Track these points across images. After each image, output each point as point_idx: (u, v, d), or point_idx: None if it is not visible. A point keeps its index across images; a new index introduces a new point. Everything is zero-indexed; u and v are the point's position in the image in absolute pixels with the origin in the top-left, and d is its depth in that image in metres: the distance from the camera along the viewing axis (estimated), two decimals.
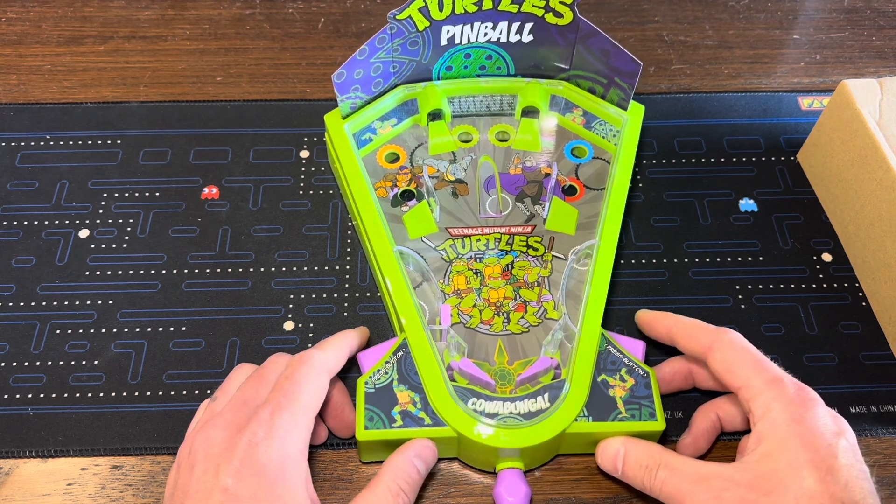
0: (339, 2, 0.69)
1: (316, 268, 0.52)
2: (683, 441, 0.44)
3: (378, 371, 0.43)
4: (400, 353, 0.44)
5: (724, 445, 0.45)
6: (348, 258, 0.52)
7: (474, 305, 0.47)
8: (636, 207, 0.55)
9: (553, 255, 0.49)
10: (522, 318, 0.46)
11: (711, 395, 0.45)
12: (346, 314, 0.50)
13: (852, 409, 0.46)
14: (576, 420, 0.42)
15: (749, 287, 0.51)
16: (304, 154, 0.58)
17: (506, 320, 0.46)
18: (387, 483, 0.40)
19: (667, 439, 0.45)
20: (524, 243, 0.49)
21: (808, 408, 0.37)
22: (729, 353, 0.40)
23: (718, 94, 0.62)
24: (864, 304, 0.51)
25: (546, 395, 0.42)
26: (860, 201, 0.51)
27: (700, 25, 0.68)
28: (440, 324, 0.46)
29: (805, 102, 0.62)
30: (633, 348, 0.45)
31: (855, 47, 0.67)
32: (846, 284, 0.51)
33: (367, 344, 0.47)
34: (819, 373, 0.48)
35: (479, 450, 0.42)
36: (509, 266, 0.48)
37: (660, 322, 0.45)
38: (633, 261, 0.52)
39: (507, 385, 0.43)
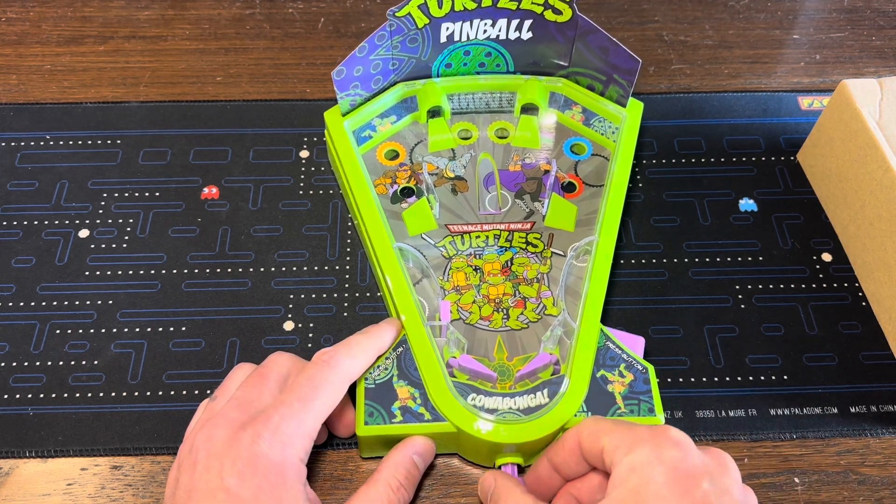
0: (339, 2, 0.70)
1: (316, 268, 0.52)
2: None
3: (378, 367, 0.44)
4: (400, 349, 0.44)
5: None
6: (348, 258, 0.52)
7: (474, 302, 0.47)
8: (636, 207, 0.55)
9: (552, 252, 0.49)
10: (522, 314, 0.46)
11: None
12: (346, 314, 0.50)
13: (852, 409, 0.46)
14: (575, 415, 0.42)
15: (749, 287, 0.51)
16: (304, 154, 0.58)
17: (505, 316, 0.46)
18: (386, 478, 0.40)
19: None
20: (523, 240, 0.49)
21: (669, 447, 0.34)
22: (590, 425, 0.37)
23: (718, 94, 0.62)
24: (864, 304, 0.51)
25: (545, 391, 0.43)
26: (860, 201, 0.51)
27: (700, 25, 0.68)
28: (440, 320, 0.46)
29: (805, 102, 0.62)
30: (634, 344, 0.45)
31: (855, 47, 0.67)
32: (846, 284, 0.51)
33: None
34: (819, 373, 0.48)
35: (479, 445, 0.42)
36: (509, 262, 0.48)
37: (540, 475, 0.40)
38: (632, 261, 0.52)
39: (506, 381, 0.44)
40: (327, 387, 0.39)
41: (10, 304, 0.50)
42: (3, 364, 0.47)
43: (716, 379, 0.47)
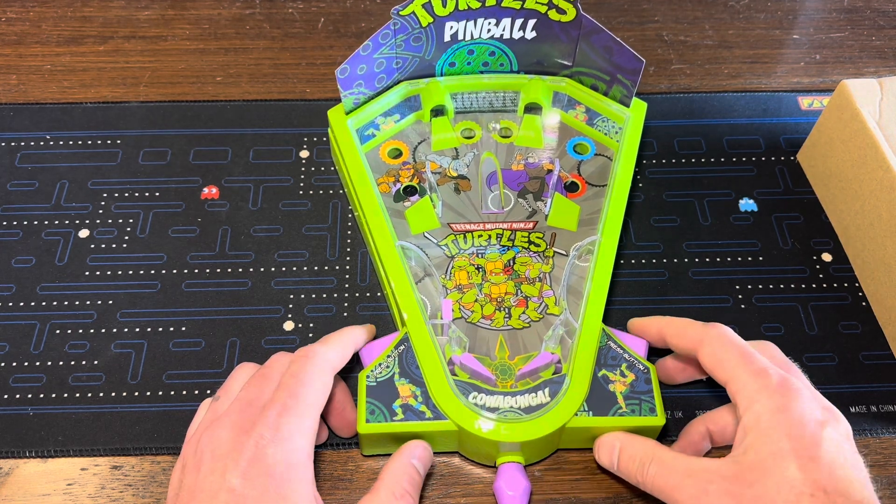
0: (339, 2, 0.70)
1: (316, 268, 0.52)
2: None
3: (380, 365, 0.44)
4: (401, 348, 0.44)
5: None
6: (348, 258, 0.52)
7: (476, 300, 0.47)
8: (636, 207, 0.55)
9: (554, 251, 0.49)
10: (524, 313, 0.46)
11: (718, 389, 0.45)
12: (346, 314, 0.49)
13: (852, 409, 0.46)
14: (576, 415, 0.42)
15: (749, 287, 0.51)
16: (304, 154, 0.58)
17: (507, 315, 0.46)
18: (390, 487, 0.39)
19: (666, 436, 0.45)
20: (526, 239, 0.49)
21: (792, 398, 0.37)
22: (717, 347, 0.40)
23: (718, 94, 0.63)
24: (864, 304, 0.51)
25: (547, 390, 0.43)
26: (860, 201, 0.51)
27: (700, 25, 0.68)
28: (441, 318, 0.46)
29: (805, 102, 0.62)
30: (637, 346, 0.45)
31: (855, 47, 0.67)
32: (846, 284, 0.51)
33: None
34: (819, 373, 0.48)
35: (480, 444, 0.42)
36: (511, 262, 0.48)
37: (650, 325, 0.45)
38: (633, 261, 0.52)
39: (507, 380, 0.43)
40: (312, 378, 0.39)
41: (10, 304, 0.49)
42: (3, 364, 0.47)
43: None
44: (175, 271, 0.51)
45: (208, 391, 0.46)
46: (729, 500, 0.35)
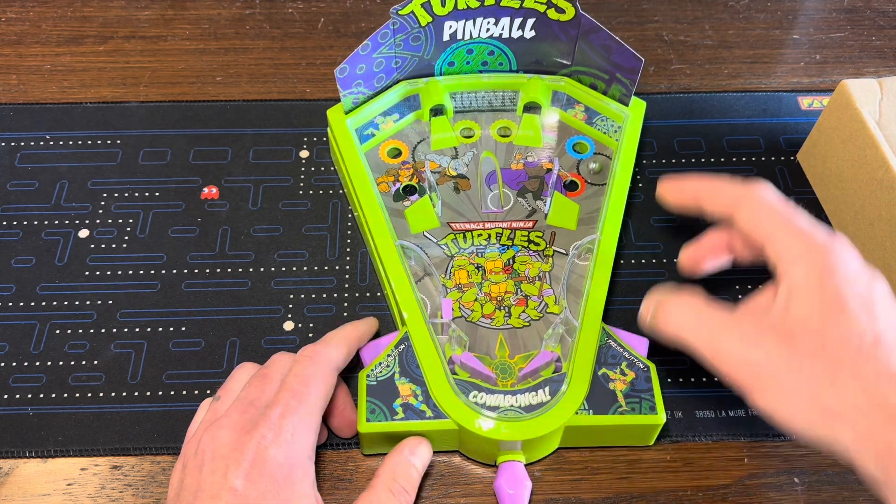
0: (339, 2, 0.70)
1: (316, 268, 0.52)
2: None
3: (380, 364, 0.44)
4: (402, 347, 0.44)
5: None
6: (348, 258, 0.52)
7: (476, 299, 0.47)
8: (636, 207, 0.55)
9: (554, 250, 0.49)
10: (523, 312, 0.46)
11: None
12: (346, 314, 0.49)
13: None
14: (576, 413, 0.42)
15: (749, 287, 0.51)
16: (304, 154, 0.58)
17: (507, 314, 0.46)
18: (387, 483, 0.39)
19: (666, 436, 0.45)
20: (525, 238, 0.49)
21: (840, 256, 0.36)
22: (756, 208, 0.38)
23: (718, 94, 0.62)
24: None
25: (547, 389, 0.43)
26: (860, 201, 0.51)
27: (700, 25, 0.68)
28: (442, 317, 0.46)
29: (805, 102, 0.62)
30: (637, 345, 0.45)
31: (855, 47, 0.67)
32: None
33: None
34: None
35: (480, 442, 0.42)
36: (510, 261, 0.48)
37: (685, 185, 0.43)
38: (633, 261, 0.52)
39: (508, 378, 0.43)
40: (316, 379, 0.40)
41: (10, 304, 0.49)
42: (3, 364, 0.47)
43: (716, 379, 0.47)
44: (175, 271, 0.51)
45: (208, 391, 0.46)
46: (786, 355, 0.35)
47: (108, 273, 0.51)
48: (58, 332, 0.48)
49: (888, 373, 0.33)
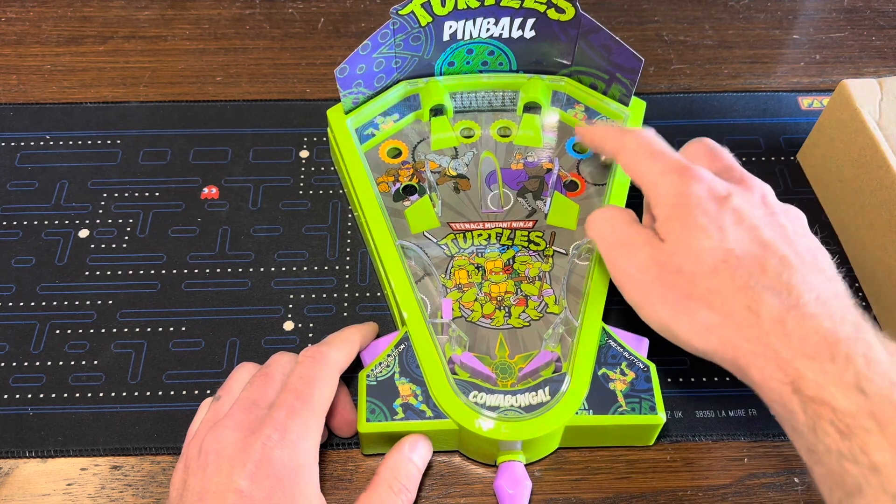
0: (339, 2, 0.70)
1: (316, 268, 0.52)
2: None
3: (380, 364, 0.44)
4: (401, 347, 0.44)
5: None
6: (348, 258, 0.52)
7: (476, 299, 0.47)
8: (636, 207, 0.55)
9: (554, 250, 0.49)
10: (523, 312, 0.46)
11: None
12: (345, 314, 0.49)
13: None
14: (576, 413, 0.42)
15: None
16: (304, 154, 0.58)
17: (507, 314, 0.46)
18: (387, 481, 0.40)
19: (666, 436, 0.45)
20: (525, 238, 0.49)
21: (689, 180, 0.40)
22: (629, 151, 0.43)
23: (718, 94, 0.62)
24: (864, 304, 0.51)
25: (547, 389, 0.43)
26: (860, 201, 0.51)
27: (700, 25, 0.68)
28: (441, 317, 0.46)
29: (805, 102, 0.62)
30: (637, 345, 0.45)
31: (855, 47, 0.67)
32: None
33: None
34: None
35: (480, 442, 0.42)
36: (510, 261, 0.48)
37: (590, 135, 0.48)
38: None
39: (508, 378, 0.43)
40: (320, 380, 0.40)
41: (10, 304, 0.49)
42: (3, 364, 0.47)
43: (716, 379, 0.47)
44: (175, 271, 0.51)
45: (208, 391, 0.46)
46: (656, 269, 0.39)
47: (108, 273, 0.51)
48: (58, 332, 0.48)
49: (731, 285, 0.36)
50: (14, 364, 0.47)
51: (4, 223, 0.53)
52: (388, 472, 0.40)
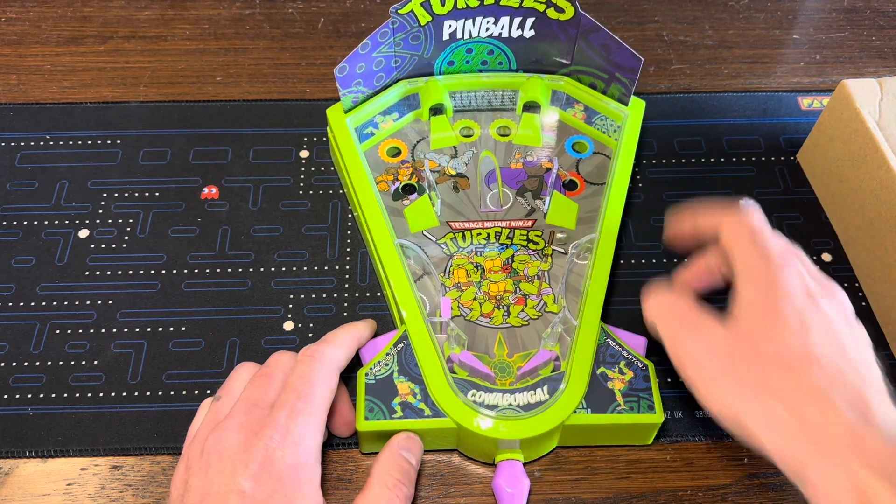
0: (339, 2, 0.70)
1: (316, 268, 0.52)
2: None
3: (379, 363, 0.44)
4: (400, 345, 0.44)
5: None
6: (348, 258, 0.52)
7: (475, 298, 0.47)
8: (636, 207, 0.55)
9: (553, 249, 0.49)
10: (522, 311, 0.46)
11: None
12: (345, 314, 0.49)
13: None
14: (575, 412, 0.42)
15: None
16: (304, 154, 0.58)
17: (506, 313, 0.46)
18: (382, 479, 0.40)
19: (665, 435, 0.45)
20: (524, 237, 0.49)
21: (783, 271, 0.38)
22: (732, 228, 0.40)
23: (718, 94, 0.62)
24: (864, 304, 0.51)
25: (545, 388, 0.43)
26: (860, 201, 0.51)
27: (700, 25, 0.68)
28: (440, 316, 0.46)
29: (805, 102, 0.62)
30: (636, 344, 0.45)
31: (855, 47, 0.67)
32: (846, 284, 0.51)
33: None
34: None
35: (479, 441, 0.42)
36: (509, 260, 0.48)
37: (683, 218, 0.44)
38: (632, 261, 0.52)
39: (506, 377, 0.44)
40: (320, 379, 0.40)
41: (10, 304, 0.49)
42: (3, 364, 0.47)
43: None
44: (175, 271, 0.51)
45: (208, 391, 0.46)
46: (728, 350, 0.37)
47: (108, 273, 0.51)
48: (58, 332, 0.48)
49: (807, 386, 0.35)
50: (14, 364, 0.47)
51: (4, 223, 0.53)
52: (381, 470, 0.40)
